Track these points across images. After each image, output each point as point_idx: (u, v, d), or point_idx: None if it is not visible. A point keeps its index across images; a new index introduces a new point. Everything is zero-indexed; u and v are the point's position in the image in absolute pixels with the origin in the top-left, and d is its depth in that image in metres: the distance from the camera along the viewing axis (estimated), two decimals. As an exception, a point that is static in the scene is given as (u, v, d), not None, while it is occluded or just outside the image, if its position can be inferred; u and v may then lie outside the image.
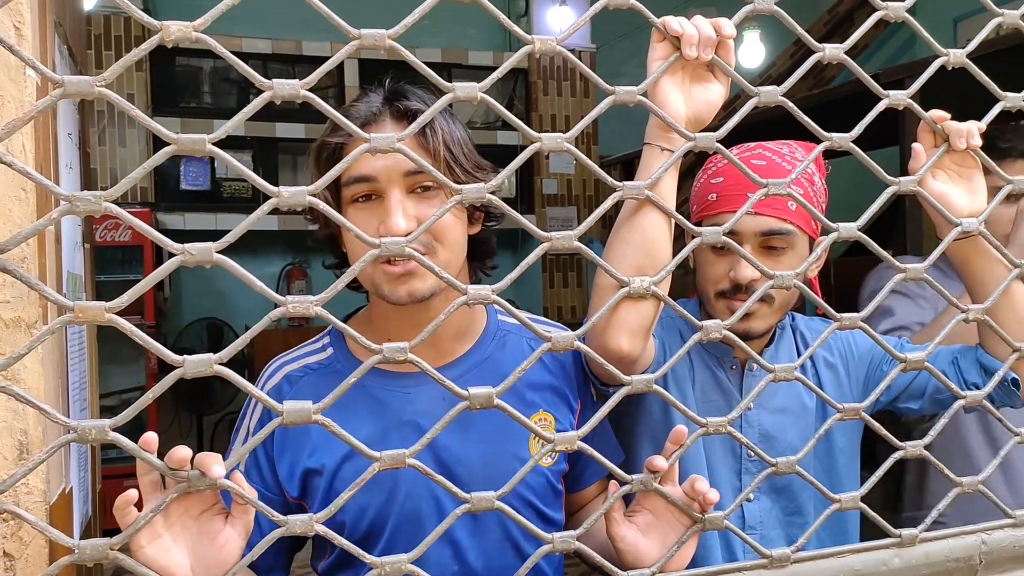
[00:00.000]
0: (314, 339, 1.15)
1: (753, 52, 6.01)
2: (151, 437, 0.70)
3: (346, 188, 1.03)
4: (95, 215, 0.61)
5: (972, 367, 1.20)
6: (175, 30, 0.62)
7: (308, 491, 1.05)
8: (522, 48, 0.74)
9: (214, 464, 0.69)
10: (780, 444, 1.24)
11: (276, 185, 0.66)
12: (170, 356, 0.62)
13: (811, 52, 0.83)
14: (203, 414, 5.10)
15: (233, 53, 0.66)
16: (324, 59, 0.68)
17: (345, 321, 1.16)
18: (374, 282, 1.03)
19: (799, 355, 1.31)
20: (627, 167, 5.38)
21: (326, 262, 1.19)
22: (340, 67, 5.44)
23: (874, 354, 1.31)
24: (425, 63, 0.70)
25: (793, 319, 1.36)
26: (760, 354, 1.26)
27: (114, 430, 0.61)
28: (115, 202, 0.61)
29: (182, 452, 0.70)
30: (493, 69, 0.77)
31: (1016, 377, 1.14)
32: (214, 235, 0.60)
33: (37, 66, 0.60)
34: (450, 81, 0.70)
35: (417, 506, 1.02)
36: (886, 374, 1.09)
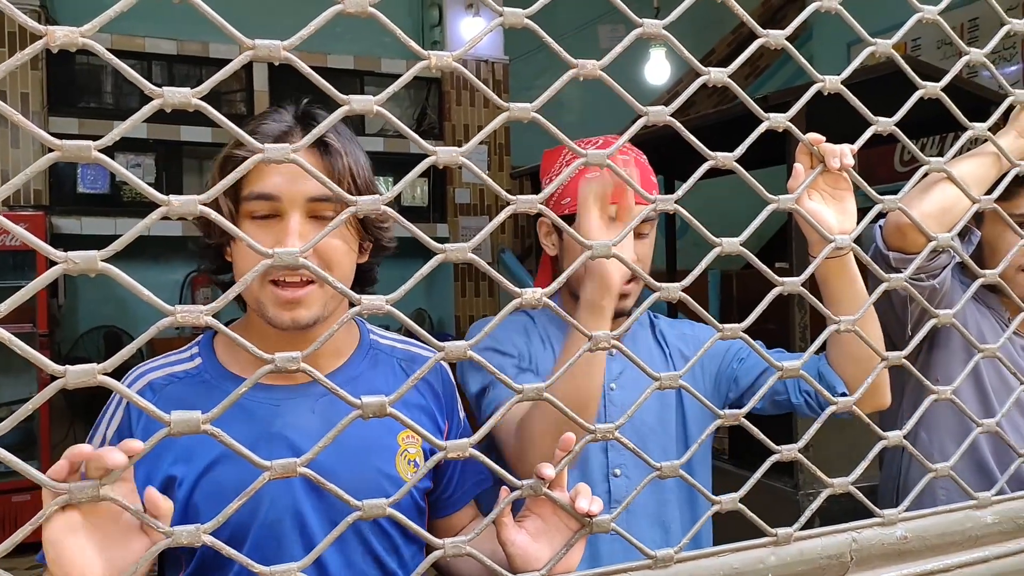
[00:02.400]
0: (181, 349, 1.13)
1: (659, 69, 6.19)
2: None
3: (246, 203, 1.02)
4: (-28, 221, 0.59)
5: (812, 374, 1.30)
6: (60, 36, 0.60)
7: None
8: (418, 63, 0.75)
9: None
10: (637, 422, 1.33)
11: (181, 190, 0.66)
12: (51, 366, 0.61)
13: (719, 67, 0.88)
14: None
15: (135, 54, 0.65)
16: (231, 62, 0.67)
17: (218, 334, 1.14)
18: (260, 302, 1.02)
19: (658, 348, 1.44)
20: (536, 178, 5.46)
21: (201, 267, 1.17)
22: (249, 71, 5.33)
23: (726, 351, 1.41)
24: (338, 70, 0.71)
25: (657, 317, 1.50)
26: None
27: (-9, 442, 0.59)
28: (4, 204, 0.59)
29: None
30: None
31: (846, 391, 1.24)
32: (113, 240, 0.59)
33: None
34: (363, 89, 0.71)
35: (279, 517, 1.02)
36: (735, 370, 1.35)
